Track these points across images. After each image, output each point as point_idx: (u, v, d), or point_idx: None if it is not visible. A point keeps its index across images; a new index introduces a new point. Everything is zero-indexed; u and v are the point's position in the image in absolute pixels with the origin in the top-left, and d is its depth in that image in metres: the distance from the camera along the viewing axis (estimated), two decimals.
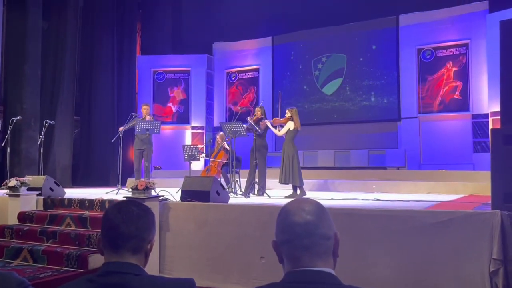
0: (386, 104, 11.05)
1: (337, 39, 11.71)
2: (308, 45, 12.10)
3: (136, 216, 1.43)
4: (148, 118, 8.23)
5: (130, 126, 8.08)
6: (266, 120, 7.27)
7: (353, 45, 11.49)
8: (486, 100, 9.62)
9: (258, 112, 7.44)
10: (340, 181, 9.08)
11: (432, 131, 10.44)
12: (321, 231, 1.21)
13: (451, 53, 10.34)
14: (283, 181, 6.87)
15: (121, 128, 8.03)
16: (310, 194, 7.20)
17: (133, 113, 8.61)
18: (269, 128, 7.28)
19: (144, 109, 8.36)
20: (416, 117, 10.60)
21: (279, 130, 7.20)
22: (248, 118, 7.37)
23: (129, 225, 1.40)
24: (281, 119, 7.23)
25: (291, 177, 6.75)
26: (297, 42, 12.29)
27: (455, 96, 10.19)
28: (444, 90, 10.32)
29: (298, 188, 6.88)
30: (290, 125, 6.96)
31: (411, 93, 10.68)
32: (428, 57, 10.58)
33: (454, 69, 10.25)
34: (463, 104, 10.09)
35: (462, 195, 7.20)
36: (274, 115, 11.18)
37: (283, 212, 1.27)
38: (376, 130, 11.08)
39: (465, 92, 10.08)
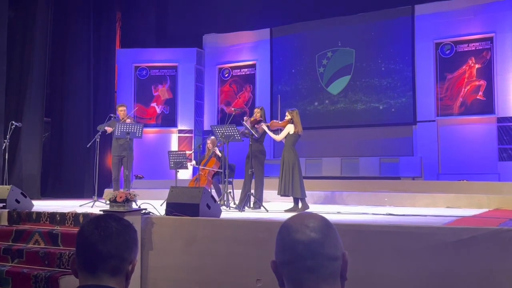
0: (399, 106, 11.08)
1: (345, 31, 11.75)
2: (312, 38, 12.14)
3: (116, 233, 1.43)
4: (128, 120, 8.22)
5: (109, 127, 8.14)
6: (263, 123, 7.28)
7: (363, 39, 11.52)
8: None
9: (257, 114, 7.44)
10: (347, 193, 9.10)
11: (452, 136, 10.47)
12: (327, 251, 1.22)
13: (474, 48, 10.40)
14: (283, 193, 6.87)
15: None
16: (313, 208, 7.21)
17: (111, 114, 8.62)
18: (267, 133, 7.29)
19: (121, 111, 8.37)
20: (433, 121, 10.63)
21: (277, 135, 7.20)
22: (245, 118, 7.38)
23: (107, 243, 1.40)
24: (280, 122, 7.24)
25: (292, 188, 6.75)
26: (299, 35, 12.33)
27: (478, 97, 10.24)
28: (466, 90, 10.36)
29: (299, 201, 6.88)
30: (290, 129, 6.97)
31: (428, 93, 10.71)
32: (447, 52, 10.63)
33: (477, 66, 10.30)
34: (487, 105, 10.13)
35: (486, 209, 7.22)
36: (273, 117, 11.20)
37: (284, 229, 1.27)
38: (389, 135, 11.11)
39: (490, 92, 10.12)
